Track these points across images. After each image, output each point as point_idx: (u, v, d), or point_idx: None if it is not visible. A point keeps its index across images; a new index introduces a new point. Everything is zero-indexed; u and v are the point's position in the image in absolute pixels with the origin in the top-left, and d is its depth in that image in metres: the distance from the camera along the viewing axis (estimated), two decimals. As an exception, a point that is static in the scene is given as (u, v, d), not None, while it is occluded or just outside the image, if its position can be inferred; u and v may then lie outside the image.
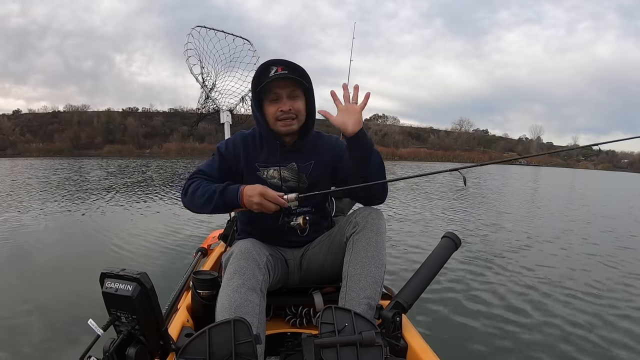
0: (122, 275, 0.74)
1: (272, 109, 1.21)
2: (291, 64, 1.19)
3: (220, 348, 0.81)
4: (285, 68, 1.18)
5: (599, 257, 3.75)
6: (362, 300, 1.04)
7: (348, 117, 1.14)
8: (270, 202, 1.09)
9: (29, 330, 1.99)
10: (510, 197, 9.50)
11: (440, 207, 6.88)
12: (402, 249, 3.70)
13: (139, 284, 0.73)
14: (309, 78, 1.22)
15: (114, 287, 0.73)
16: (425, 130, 60.07)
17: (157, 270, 2.87)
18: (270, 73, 1.17)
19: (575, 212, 7.13)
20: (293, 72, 1.18)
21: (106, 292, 0.74)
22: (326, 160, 1.30)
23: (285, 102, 1.19)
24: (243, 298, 0.99)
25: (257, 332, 0.92)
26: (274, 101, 1.20)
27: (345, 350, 0.87)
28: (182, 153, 39.94)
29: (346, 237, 1.14)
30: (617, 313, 2.35)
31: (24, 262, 3.23)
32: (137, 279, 0.73)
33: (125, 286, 0.73)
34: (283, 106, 1.19)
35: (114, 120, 49.30)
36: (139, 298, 0.72)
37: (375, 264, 1.09)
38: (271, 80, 1.16)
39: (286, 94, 1.20)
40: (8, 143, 43.23)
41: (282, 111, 1.19)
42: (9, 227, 4.52)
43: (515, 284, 2.80)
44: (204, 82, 2.66)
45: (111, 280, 0.74)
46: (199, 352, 0.81)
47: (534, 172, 26.28)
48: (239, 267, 1.04)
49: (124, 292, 0.72)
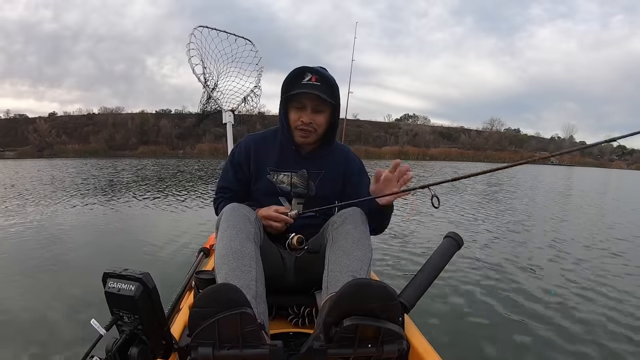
0: (125, 275, 0.74)
1: (294, 116, 1.22)
2: (325, 75, 1.19)
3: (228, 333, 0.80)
4: (319, 79, 1.18)
5: (621, 260, 3.70)
6: (346, 274, 0.99)
7: (385, 190, 1.11)
8: (275, 223, 1.17)
9: (31, 329, 2.00)
10: (536, 198, 9.36)
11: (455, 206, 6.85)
12: (408, 248, 3.69)
13: (141, 284, 0.73)
14: (338, 94, 1.23)
15: (116, 287, 0.74)
16: (456, 130, 59.98)
17: (160, 270, 2.87)
18: (303, 80, 1.18)
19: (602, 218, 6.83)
20: (324, 85, 1.18)
21: (109, 292, 0.74)
22: (337, 172, 1.31)
23: (308, 115, 1.20)
24: (239, 244, 1.02)
25: (256, 275, 0.98)
26: (299, 109, 1.21)
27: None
28: (215, 154, 39.98)
29: (326, 238, 1.13)
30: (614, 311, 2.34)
31: (26, 259, 3.25)
32: (139, 279, 0.73)
33: (128, 286, 0.73)
34: (305, 118, 1.20)
35: (148, 121, 50.87)
36: (142, 298, 0.73)
37: (359, 247, 1.05)
38: (301, 91, 1.16)
39: (312, 106, 1.20)
40: (45, 144, 45.16)
41: (303, 122, 1.20)
42: (9, 225, 4.55)
43: (521, 284, 2.79)
44: (206, 81, 2.67)
45: (114, 280, 0.75)
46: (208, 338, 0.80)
47: (567, 172, 25.63)
48: (231, 221, 1.07)
49: (126, 292, 0.73)
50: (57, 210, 5.74)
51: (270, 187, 1.27)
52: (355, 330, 0.82)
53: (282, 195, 1.27)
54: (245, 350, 0.80)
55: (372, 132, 54.83)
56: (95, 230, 4.50)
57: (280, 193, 1.27)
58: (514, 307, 2.38)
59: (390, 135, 55.01)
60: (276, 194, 1.27)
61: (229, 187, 1.32)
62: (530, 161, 1.08)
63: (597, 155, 46.68)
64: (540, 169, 26.49)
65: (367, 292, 0.82)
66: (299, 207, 1.27)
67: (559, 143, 55.47)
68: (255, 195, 1.30)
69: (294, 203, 1.27)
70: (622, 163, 51.10)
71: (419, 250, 3.66)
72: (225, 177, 1.33)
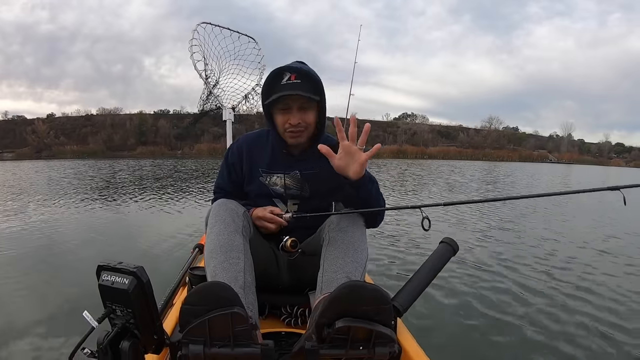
0: (119, 268, 0.74)
1: (281, 119, 1.16)
2: (304, 72, 1.13)
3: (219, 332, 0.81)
4: (298, 76, 1.12)
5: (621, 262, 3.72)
6: (340, 275, 0.98)
7: (351, 163, 1.04)
8: (268, 223, 1.16)
9: (23, 320, 1.99)
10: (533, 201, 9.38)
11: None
12: (402, 251, 3.70)
13: (135, 278, 0.72)
14: (322, 87, 1.17)
15: (110, 279, 0.73)
16: (455, 129, 60.06)
17: (154, 264, 2.86)
18: (282, 80, 1.12)
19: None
20: (306, 82, 1.12)
21: (102, 285, 0.74)
22: (330, 170, 1.24)
23: (295, 115, 1.14)
24: (228, 238, 1.02)
25: (244, 267, 0.98)
26: (284, 111, 1.15)
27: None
28: (214, 154, 40.01)
29: (322, 238, 1.12)
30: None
31: (20, 251, 3.23)
32: (133, 272, 0.73)
33: (122, 279, 0.73)
34: (292, 119, 1.14)
35: (146, 122, 50.76)
36: (135, 292, 0.72)
37: (354, 249, 1.03)
38: (282, 94, 1.11)
39: (297, 106, 1.14)
40: (43, 145, 45.12)
41: (291, 124, 1.15)
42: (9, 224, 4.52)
43: (513, 288, 2.80)
44: (207, 78, 2.67)
45: (108, 273, 0.74)
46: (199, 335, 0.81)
47: (566, 170, 25.56)
48: (219, 216, 1.07)
49: (120, 285, 0.72)
50: (55, 210, 5.71)
51: (264, 189, 1.25)
52: (347, 332, 0.82)
53: (277, 197, 1.26)
54: (236, 349, 0.80)
55: (371, 131, 54.61)
56: (91, 228, 4.49)
57: (274, 195, 1.25)
58: (506, 311, 2.38)
59: (389, 134, 54.85)
60: (270, 195, 1.25)
61: (223, 187, 1.32)
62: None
63: (596, 153, 46.66)
64: (539, 167, 26.45)
65: (361, 294, 0.82)
66: (294, 207, 1.26)
67: (558, 141, 55.44)
68: (249, 197, 1.29)
69: (289, 204, 1.26)
70: (620, 160, 50.60)
71: (413, 254, 3.67)
72: (220, 177, 1.33)
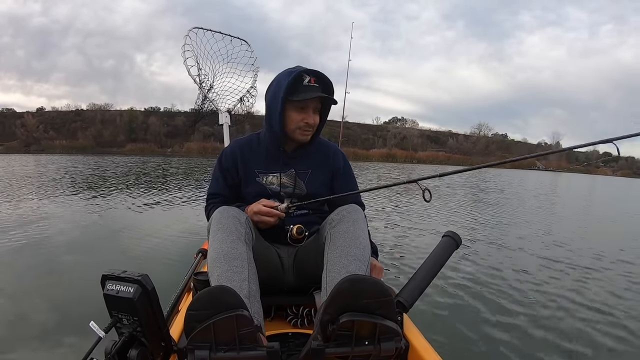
0: (124, 277, 0.74)
1: (297, 117, 1.22)
2: (322, 77, 1.21)
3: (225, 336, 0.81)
4: (317, 81, 1.20)
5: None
6: (345, 274, 0.98)
7: None
8: (267, 217, 1.17)
9: (29, 333, 1.98)
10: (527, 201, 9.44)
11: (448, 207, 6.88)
12: (406, 247, 3.70)
13: (140, 286, 0.73)
14: (333, 92, 1.25)
15: (115, 289, 0.74)
16: (444, 134, 59.75)
17: (158, 271, 2.85)
18: (303, 81, 1.19)
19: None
20: (323, 86, 1.21)
21: (107, 294, 0.74)
22: (324, 168, 1.33)
23: (311, 116, 1.23)
24: (230, 247, 1.02)
25: (248, 276, 0.98)
26: (302, 110, 1.22)
27: None
28: (204, 153, 39.66)
29: (324, 236, 1.13)
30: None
31: (23, 260, 3.22)
32: (138, 280, 0.73)
33: (127, 288, 0.73)
34: (309, 119, 1.22)
35: (137, 119, 49.74)
36: (141, 300, 0.73)
37: (357, 246, 1.05)
38: (317, 95, 1.18)
39: (314, 107, 1.23)
40: (32, 139, 44.28)
41: (307, 123, 1.23)
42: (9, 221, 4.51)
43: (520, 283, 2.81)
44: (202, 83, 2.66)
45: (112, 282, 0.74)
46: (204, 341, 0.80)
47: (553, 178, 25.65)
48: (221, 224, 1.07)
49: (125, 294, 0.72)
50: (54, 210, 5.69)
51: (261, 190, 1.28)
52: (351, 328, 0.82)
53: (273, 197, 1.28)
54: (242, 353, 0.80)
55: (361, 134, 54.39)
56: (91, 232, 4.47)
57: (271, 194, 1.28)
58: (514, 306, 2.39)
59: (379, 138, 54.91)
60: (267, 195, 1.28)
61: (219, 193, 1.33)
62: (514, 160, 1.10)
63: (584, 161, 47.07)
64: (525, 174, 26.48)
65: (361, 287, 0.82)
66: None
67: (546, 149, 55.54)
68: (247, 199, 1.30)
69: (281, 208, 1.28)
70: (607, 170, 51.00)
71: (416, 249, 3.67)
72: (215, 183, 1.34)
